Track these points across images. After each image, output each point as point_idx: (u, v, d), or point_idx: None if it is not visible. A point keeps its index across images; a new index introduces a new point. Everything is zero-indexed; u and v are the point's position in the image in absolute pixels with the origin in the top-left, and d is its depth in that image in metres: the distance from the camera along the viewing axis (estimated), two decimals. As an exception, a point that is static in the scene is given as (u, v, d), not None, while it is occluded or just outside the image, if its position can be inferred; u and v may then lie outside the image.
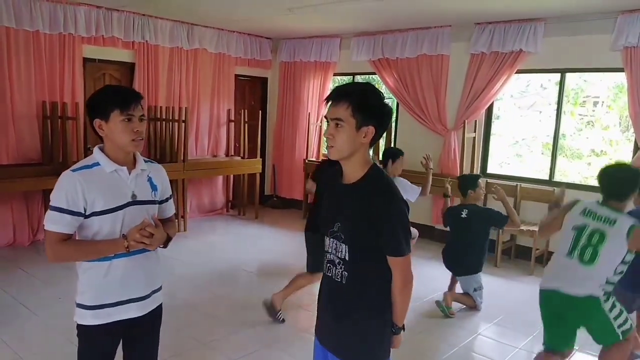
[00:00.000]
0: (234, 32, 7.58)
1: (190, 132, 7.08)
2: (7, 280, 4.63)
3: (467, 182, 4.51)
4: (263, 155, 8.21)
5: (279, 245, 6.32)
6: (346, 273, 1.80)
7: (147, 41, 6.55)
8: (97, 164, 1.93)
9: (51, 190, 1.91)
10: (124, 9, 6.20)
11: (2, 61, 5.40)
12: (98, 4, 5.95)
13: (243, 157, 7.62)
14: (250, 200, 7.80)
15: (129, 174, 1.97)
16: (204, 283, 4.85)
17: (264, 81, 8.46)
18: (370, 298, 1.81)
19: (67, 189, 1.84)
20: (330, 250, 1.86)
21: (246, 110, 7.69)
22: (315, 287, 4.63)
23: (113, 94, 1.94)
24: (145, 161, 2.08)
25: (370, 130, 1.71)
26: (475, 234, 4.33)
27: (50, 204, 1.86)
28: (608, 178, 2.85)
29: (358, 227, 1.75)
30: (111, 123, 1.90)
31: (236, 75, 7.85)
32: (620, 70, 5.20)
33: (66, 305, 4.20)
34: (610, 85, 6.66)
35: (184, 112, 6.48)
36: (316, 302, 4.30)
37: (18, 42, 5.47)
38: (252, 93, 8.41)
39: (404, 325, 1.88)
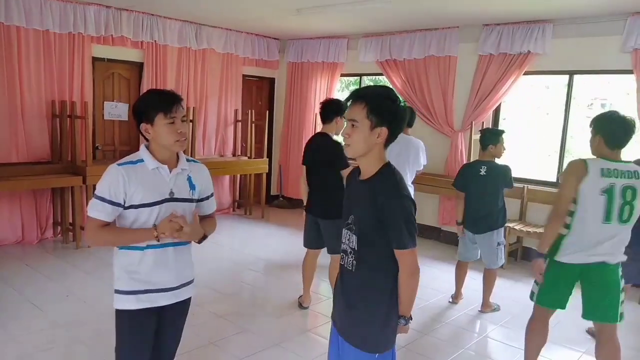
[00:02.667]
0: (242, 32, 7.61)
1: (198, 132, 7.12)
2: (16, 277, 4.67)
3: (489, 136, 4.30)
4: (270, 155, 8.23)
5: (285, 244, 6.33)
6: (355, 262, 1.92)
7: (155, 41, 6.58)
8: (141, 160, 2.05)
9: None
10: (133, 9, 6.24)
11: (12, 60, 5.45)
12: (107, 4, 5.99)
13: (250, 157, 7.64)
14: (257, 200, 7.82)
15: (170, 172, 2.08)
16: (211, 282, 4.86)
17: (271, 81, 8.48)
18: (375, 287, 1.91)
19: (111, 180, 1.98)
20: (344, 241, 1.99)
21: (253, 110, 7.71)
22: (319, 287, 4.68)
23: (156, 98, 2.06)
24: (188, 160, 2.18)
25: (384, 131, 1.84)
26: (494, 190, 4.21)
27: (95, 192, 2.00)
28: (617, 124, 2.74)
29: (366, 220, 1.87)
30: (156, 126, 2.02)
31: (244, 76, 7.88)
32: (630, 72, 5.17)
33: (73, 303, 4.25)
34: (619, 87, 6.62)
35: (191, 112, 6.50)
36: (324, 300, 4.35)
37: (28, 41, 5.53)
38: (259, 93, 8.44)
39: (411, 316, 1.95)
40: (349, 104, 1.89)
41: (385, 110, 1.83)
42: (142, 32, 6.43)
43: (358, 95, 1.86)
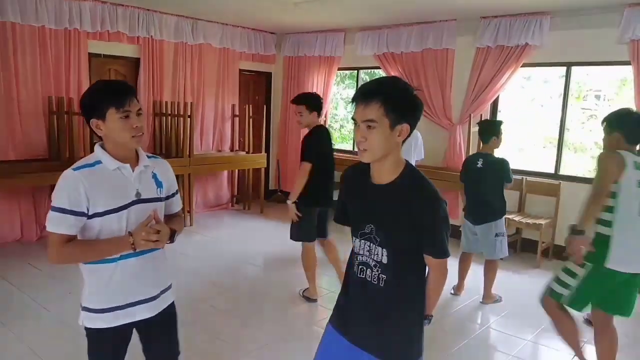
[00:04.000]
0: (238, 27, 7.57)
1: (196, 127, 7.09)
2: (17, 275, 4.65)
3: (490, 128, 4.32)
4: (267, 150, 8.22)
5: (284, 239, 6.29)
6: (384, 276, 1.75)
7: (152, 36, 6.54)
8: (99, 162, 1.86)
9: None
10: (128, 4, 6.19)
11: (8, 57, 5.39)
12: (103, -1, 5.96)
13: (248, 152, 7.63)
14: (255, 195, 7.82)
15: (133, 171, 1.90)
16: (211, 277, 4.87)
17: (268, 76, 8.46)
18: (411, 298, 1.79)
19: (69, 188, 1.78)
20: (361, 252, 1.80)
21: (250, 105, 7.69)
22: (325, 280, 4.68)
23: (106, 91, 1.85)
24: (149, 157, 2.01)
25: (405, 128, 1.65)
26: (491, 183, 4.26)
27: (52, 204, 1.80)
28: (638, 122, 2.80)
29: (398, 230, 1.71)
30: (109, 122, 1.82)
31: (240, 70, 7.85)
32: (627, 63, 5.19)
33: (76, 300, 4.21)
34: (613, 79, 6.65)
35: (189, 107, 6.48)
36: (326, 294, 4.34)
37: (24, 37, 5.47)
38: (256, 88, 8.41)
39: (432, 315, 1.91)
40: (356, 103, 1.66)
41: (403, 104, 1.63)
42: (138, 27, 6.38)
43: (369, 92, 1.63)
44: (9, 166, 5.34)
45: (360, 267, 1.82)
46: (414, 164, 5.02)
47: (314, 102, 4.16)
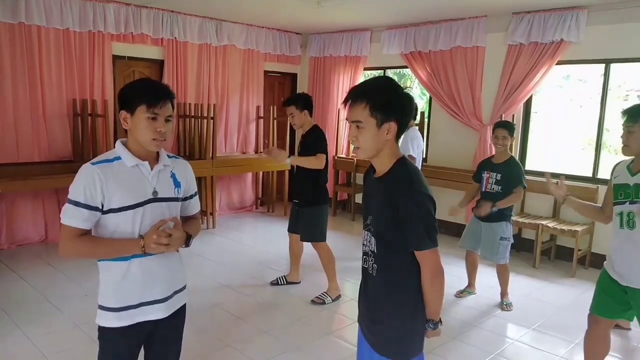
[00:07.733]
0: (263, 27, 7.49)
1: (219, 129, 7.05)
2: (36, 276, 4.66)
3: (511, 128, 4.27)
4: (292, 152, 8.09)
5: (308, 243, 6.19)
6: (376, 265, 1.84)
7: (176, 38, 6.53)
8: (118, 158, 1.85)
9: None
10: (152, 6, 6.18)
11: (33, 59, 5.44)
12: (127, 1, 5.95)
13: (272, 154, 7.52)
14: (279, 197, 7.71)
15: (151, 169, 1.89)
16: (231, 282, 4.77)
17: (293, 77, 8.36)
18: (398, 291, 1.81)
19: (86, 182, 1.78)
20: (365, 243, 1.91)
21: (275, 107, 7.60)
22: (342, 287, 4.51)
23: (144, 88, 1.87)
24: (169, 157, 2.00)
25: (393, 126, 1.72)
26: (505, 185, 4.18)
27: (68, 197, 1.80)
28: None
29: (383, 220, 1.78)
30: (136, 117, 1.82)
31: (265, 71, 7.77)
32: (672, 59, 4.85)
33: (92, 303, 4.17)
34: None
35: (212, 109, 6.42)
36: (343, 302, 4.19)
37: (49, 40, 5.52)
38: (281, 89, 8.32)
39: (440, 320, 1.85)
40: (348, 105, 1.75)
41: (389, 104, 1.70)
42: (162, 29, 6.38)
43: (356, 94, 1.73)
44: (34, 168, 5.40)
45: (364, 256, 1.92)
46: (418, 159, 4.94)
47: (302, 101, 4.22)
